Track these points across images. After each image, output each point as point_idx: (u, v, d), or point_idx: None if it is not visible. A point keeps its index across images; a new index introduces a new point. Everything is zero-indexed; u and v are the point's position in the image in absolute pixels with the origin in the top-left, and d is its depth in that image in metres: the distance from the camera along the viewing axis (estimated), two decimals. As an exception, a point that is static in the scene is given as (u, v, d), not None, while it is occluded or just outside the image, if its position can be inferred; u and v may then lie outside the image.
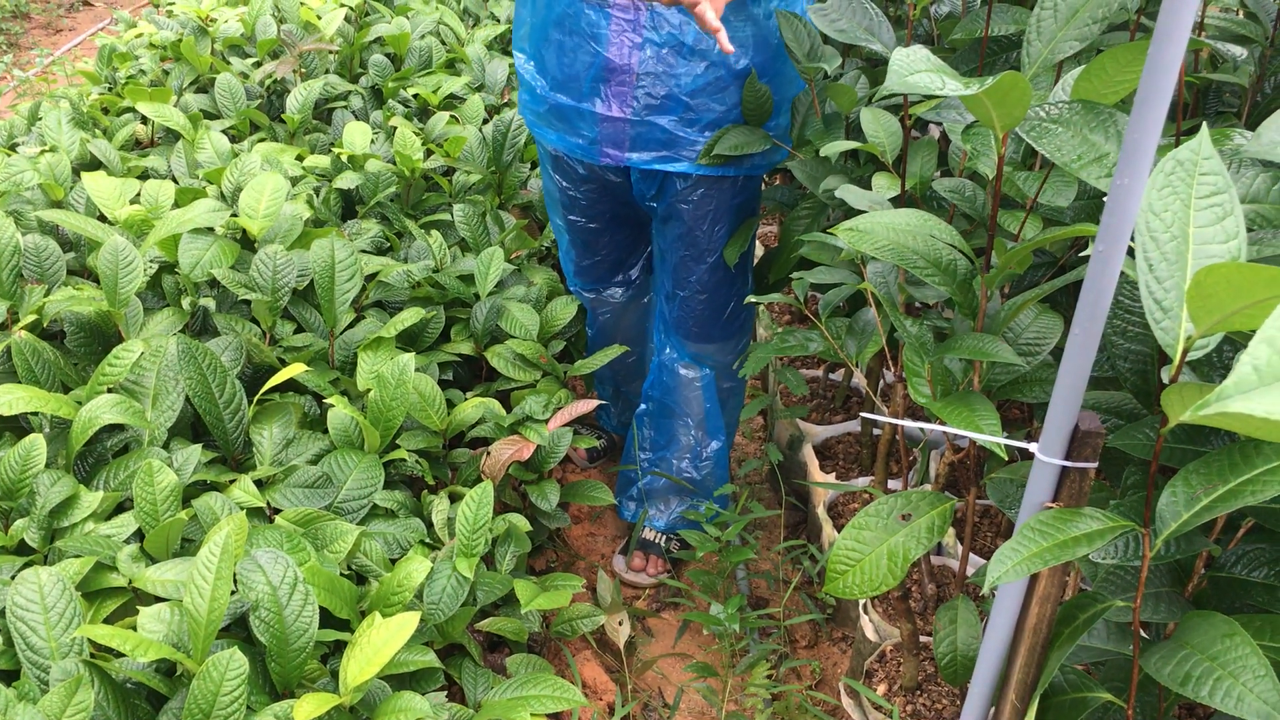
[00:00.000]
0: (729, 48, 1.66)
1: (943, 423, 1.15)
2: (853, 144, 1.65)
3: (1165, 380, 0.87)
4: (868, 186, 1.63)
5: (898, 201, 1.61)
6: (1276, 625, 0.97)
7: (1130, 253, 0.94)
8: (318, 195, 2.56)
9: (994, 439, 1.07)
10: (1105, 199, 0.89)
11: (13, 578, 1.38)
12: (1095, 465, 0.95)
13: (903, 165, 1.59)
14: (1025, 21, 1.49)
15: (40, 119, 2.83)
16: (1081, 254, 1.48)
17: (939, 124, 2.01)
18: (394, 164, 2.73)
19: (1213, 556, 1.09)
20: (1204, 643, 0.92)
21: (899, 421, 1.15)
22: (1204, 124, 0.93)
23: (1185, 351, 0.86)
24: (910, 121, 1.55)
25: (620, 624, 2.19)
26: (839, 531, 2.14)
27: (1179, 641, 0.95)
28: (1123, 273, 1.15)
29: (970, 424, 1.13)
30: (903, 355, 1.32)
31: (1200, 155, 0.92)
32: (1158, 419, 1.14)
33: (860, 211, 1.50)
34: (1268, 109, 1.56)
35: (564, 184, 2.22)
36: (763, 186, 2.24)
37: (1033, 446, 0.97)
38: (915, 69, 1.03)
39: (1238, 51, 1.49)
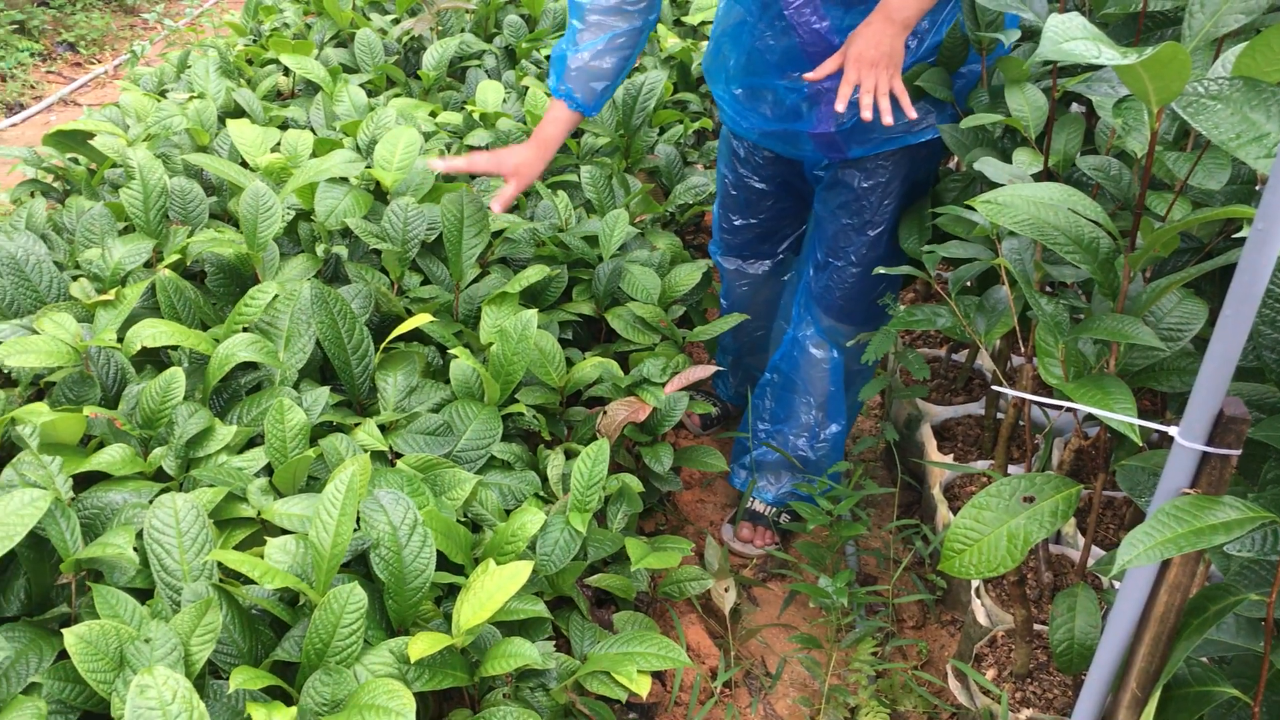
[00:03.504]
0: (911, 113, 1.72)
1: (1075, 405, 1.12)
2: (994, 117, 1.61)
3: (1321, 368, 0.83)
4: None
5: (1040, 178, 1.57)
6: None
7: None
8: (449, 151, 2.59)
9: (1129, 419, 1.04)
10: (1263, 178, 0.85)
11: (151, 502, 1.45)
12: (1238, 453, 0.91)
13: (1047, 140, 1.54)
14: (1185, -5, 1.43)
15: (189, 67, 2.93)
16: (1234, 236, 1.42)
17: (1080, 103, 1.94)
18: (524, 123, 2.75)
19: (1357, 558, 1.04)
20: (1345, 644, 0.88)
21: (1032, 399, 1.12)
22: (1381, 102, 0.88)
23: (1346, 339, 0.82)
24: (1058, 95, 1.50)
25: (726, 590, 2.19)
26: (954, 514, 2.11)
27: (1317, 641, 0.91)
28: (1276, 258, 1.11)
29: (1104, 406, 1.09)
30: (1034, 335, 1.29)
31: (1374, 134, 0.87)
32: (1306, 412, 1.09)
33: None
34: None
35: (745, 139, 2.22)
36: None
37: (1173, 430, 0.94)
38: (1070, 35, 1.00)
39: None
